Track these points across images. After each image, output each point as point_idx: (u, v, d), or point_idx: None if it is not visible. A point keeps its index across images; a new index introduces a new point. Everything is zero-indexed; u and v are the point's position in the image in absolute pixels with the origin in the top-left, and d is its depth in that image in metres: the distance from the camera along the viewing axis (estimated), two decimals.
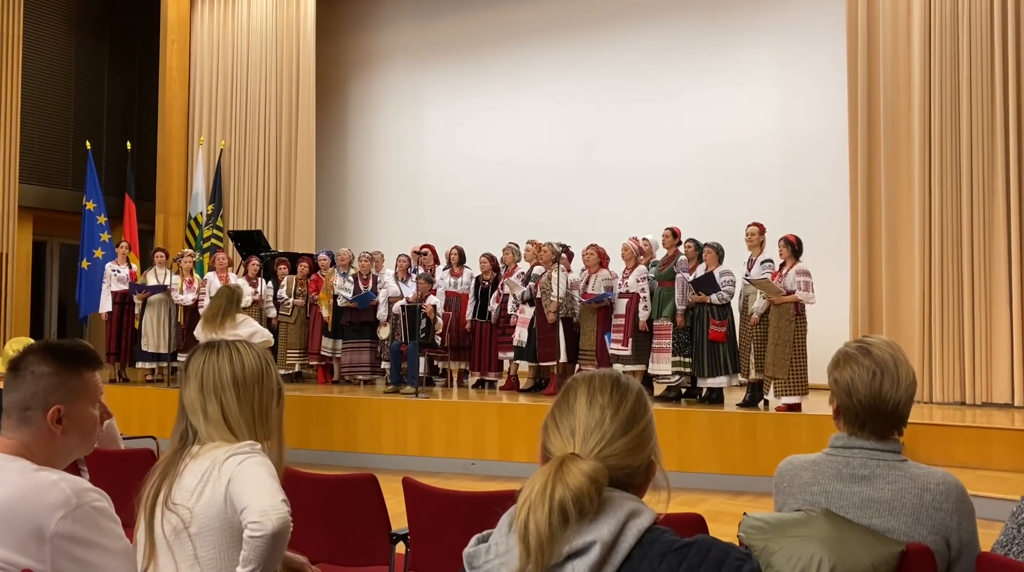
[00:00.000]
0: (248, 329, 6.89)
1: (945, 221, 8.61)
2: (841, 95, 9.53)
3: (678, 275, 8.04)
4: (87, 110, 13.39)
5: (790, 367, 7.19)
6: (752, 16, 11.06)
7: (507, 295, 9.11)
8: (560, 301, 8.51)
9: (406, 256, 9.97)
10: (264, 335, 7.21)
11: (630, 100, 11.65)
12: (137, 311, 9.98)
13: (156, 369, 10.05)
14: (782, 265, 7.48)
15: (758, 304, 7.51)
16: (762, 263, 7.61)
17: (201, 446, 2.02)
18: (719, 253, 7.85)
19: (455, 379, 9.70)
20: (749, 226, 7.82)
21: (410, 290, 9.44)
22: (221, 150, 13.02)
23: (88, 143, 12.27)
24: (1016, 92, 8.39)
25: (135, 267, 10.43)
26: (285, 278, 10.21)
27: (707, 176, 11.00)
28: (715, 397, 7.85)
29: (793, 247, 7.42)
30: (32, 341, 3.61)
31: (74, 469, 3.21)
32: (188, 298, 9.88)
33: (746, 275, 7.70)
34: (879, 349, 2.01)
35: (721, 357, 7.72)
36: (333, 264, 10.11)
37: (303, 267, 10.16)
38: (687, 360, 7.93)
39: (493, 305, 9.16)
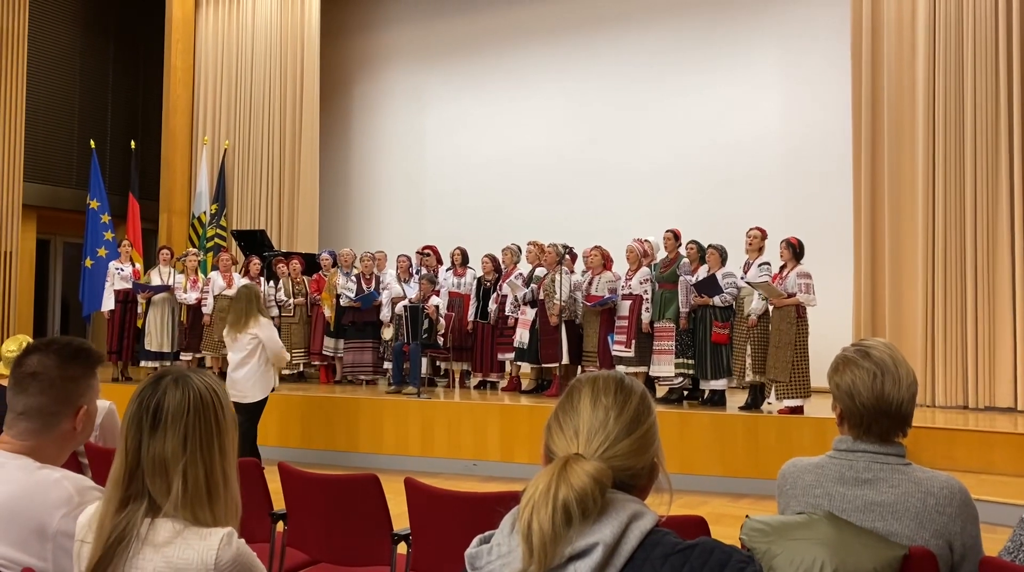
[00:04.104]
0: (267, 332, 6.51)
1: (949, 224, 8.60)
2: (844, 96, 9.53)
3: (681, 278, 8.03)
4: (91, 109, 13.41)
5: (792, 369, 7.18)
6: (755, 16, 11.06)
7: (506, 296, 9.11)
8: (563, 304, 8.50)
9: (407, 256, 9.98)
10: (282, 352, 6.72)
11: (632, 100, 11.65)
12: (140, 310, 9.99)
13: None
14: (783, 267, 7.48)
15: (756, 305, 7.50)
16: (759, 266, 7.61)
17: (152, 524, 1.56)
18: (722, 255, 7.84)
19: (457, 380, 9.69)
20: (751, 230, 7.81)
21: (412, 290, 9.45)
22: (225, 149, 13.03)
23: (92, 142, 12.28)
24: (1021, 95, 8.36)
25: (138, 266, 10.44)
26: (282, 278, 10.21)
27: (709, 176, 11.00)
28: (717, 399, 7.84)
29: (794, 249, 7.42)
30: (30, 339, 3.61)
31: (75, 463, 3.22)
32: (191, 297, 9.89)
33: (742, 277, 7.70)
34: (878, 351, 2.01)
35: (723, 359, 7.71)
36: (335, 264, 10.11)
37: (294, 266, 10.11)
38: (690, 362, 7.93)
39: (492, 306, 9.17)
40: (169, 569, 1.54)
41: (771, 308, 7.40)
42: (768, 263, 7.62)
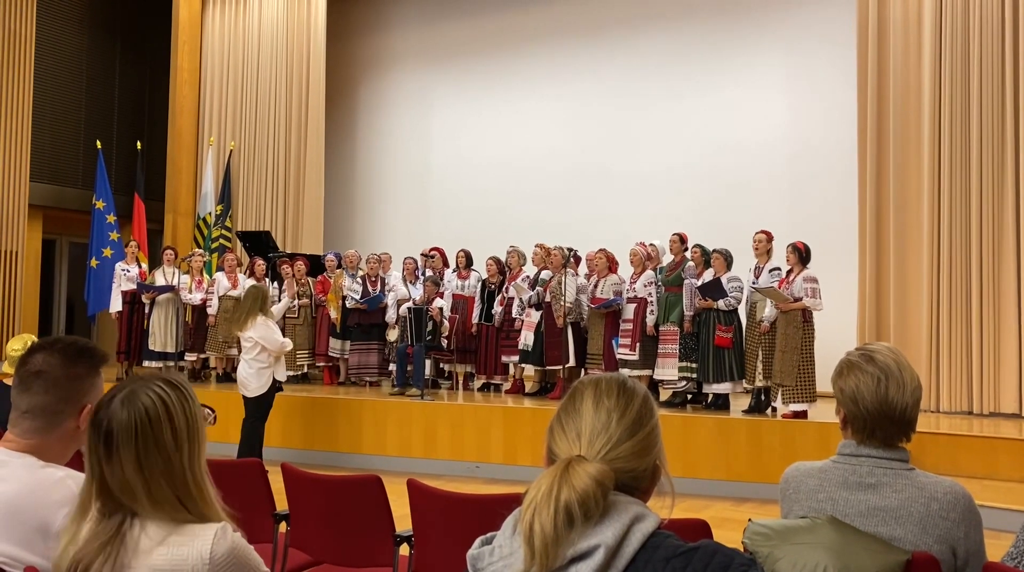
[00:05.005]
0: (261, 332, 6.69)
1: (954, 229, 8.58)
2: (850, 102, 9.51)
3: (686, 281, 8.03)
4: (98, 109, 13.45)
5: (798, 374, 7.17)
6: (761, 22, 11.05)
7: (511, 298, 9.11)
8: (570, 306, 8.50)
9: (413, 259, 9.98)
10: (283, 345, 6.89)
11: (638, 104, 11.65)
12: (147, 310, 10.01)
13: (163, 368, 10.07)
14: (789, 272, 7.47)
15: (768, 311, 7.49)
16: (770, 271, 7.62)
17: (143, 528, 1.55)
18: (727, 259, 7.84)
19: (461, 382, 9.70)
20: (757, 234, 7.82)
21: (418, 292, 9.46)
22: (230, 150, 13.06)
23: (98, 142, 12.32)
24: None
25: (144, 266, 10.46)
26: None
27: (714, 181, 10.99)
28: (721, 403, 7.83)
29: (800, 254, 7.41)
30: (34, 338, 3.62)
31: (79, 463, 3.22)
32: (196, 298, 9.91)
33: (753, 283, 7.70)
34: (882, 355, 2.00)
35: (726, 363, 7.70)
36: (340, 265, 10.11)
37: (298, 267, 10.08)
38: (693, 365, 7.92)
39: (497, 308, 9.16)
40: (165, 568, 1.53)
41: (778, 313, 7.39)
42: (779, 268, 7.62)
